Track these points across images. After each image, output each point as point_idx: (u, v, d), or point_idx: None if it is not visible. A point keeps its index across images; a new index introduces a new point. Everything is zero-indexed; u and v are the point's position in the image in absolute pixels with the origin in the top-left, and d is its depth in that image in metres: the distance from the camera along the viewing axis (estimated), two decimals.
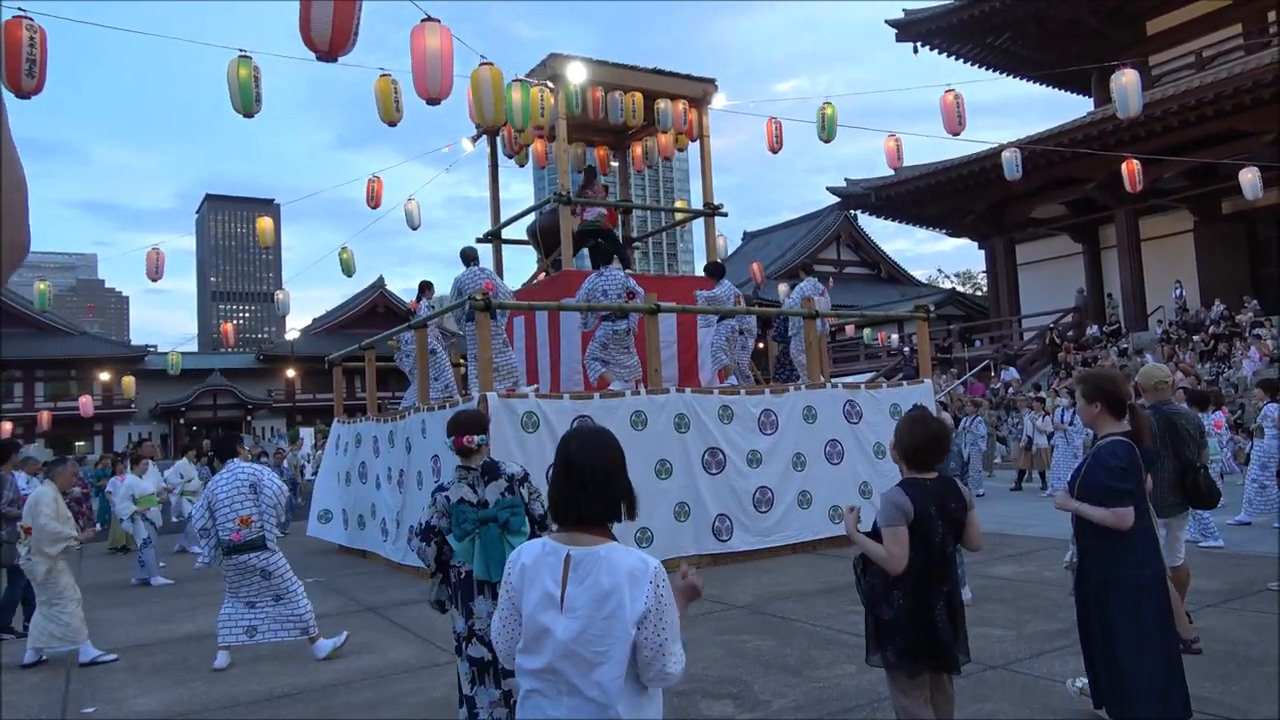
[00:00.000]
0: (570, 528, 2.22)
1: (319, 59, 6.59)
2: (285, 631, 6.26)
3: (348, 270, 15.18)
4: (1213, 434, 9.82)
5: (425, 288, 11.63)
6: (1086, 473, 3.77)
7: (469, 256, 10.40)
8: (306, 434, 28.34)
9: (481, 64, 8.06)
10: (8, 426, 29.66)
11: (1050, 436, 14.46)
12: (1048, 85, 29.17)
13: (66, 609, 6.61)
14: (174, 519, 13.76)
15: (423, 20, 7.12)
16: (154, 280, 14.05)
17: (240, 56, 7.82)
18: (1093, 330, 24.85)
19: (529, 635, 2.17)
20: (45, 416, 33.40)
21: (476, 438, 3.83)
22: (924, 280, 47.97)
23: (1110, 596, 3.70)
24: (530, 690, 2.18)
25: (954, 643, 3.24)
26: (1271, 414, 9.48)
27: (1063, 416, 13.86)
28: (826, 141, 11.59)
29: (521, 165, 13.68)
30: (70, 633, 6.59)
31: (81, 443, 43.77)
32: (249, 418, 47.88)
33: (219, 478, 6.27)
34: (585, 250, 11.80)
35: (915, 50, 26.55)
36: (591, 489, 2.22)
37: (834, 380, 11.11)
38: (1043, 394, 18.89)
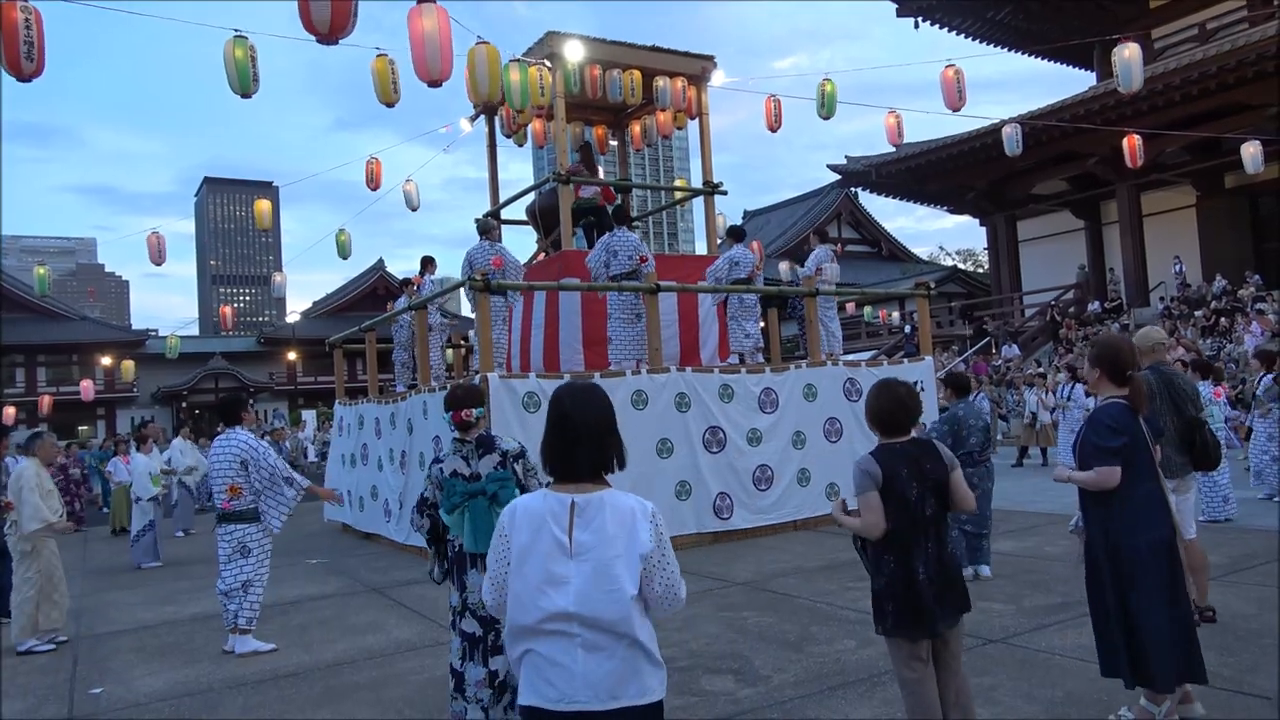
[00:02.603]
0: (567, 480, 2.31)
1: (319, 42, 6.58)
2: (229, 609, 6.09)
3: (343, 252, 15.07)
4: (1213, 402, 9.76)
5: (427, 263, 11.61)
6: (1082, 438, 3.83)
7: (484, 228, 10.04)
8: (308, 416, 28.33)
9: (478, 43, 8.01)
10: (10, 411, 29.72)
11: (1053, 411, 14.52)
12: (1050, 60, 28.93)
13: (22, 593, 6.55)
14: (172, 503, 13.83)
15: (418, 1, 7.07)
16: (157, 264, 13.99)
17: (236, 37, 7.77)
18: (1094, 306, 24.82)
19: (536, 586, 2.23)
20: (47, 401, 33.45)
21: (474, 411, 3.91)
22: (925, 258, 47.93)
23: (1118, 564, 3.69)
24: (541, 649, 2.22)
25: (936, 605, 3.23)
26: (1269, 385, 9.47)
27: (1061, 392, 13.87)
28: (826, 119, 11.50)
29: (520, 145, 13.63)
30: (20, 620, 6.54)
31: (84, 427, 43.85)
32: (251, 401, 47.87)
33: (216, 443, 6.23)
34: (580, 230, 11.78)
35: (916, 25, 26.33)
36: (587, 443, 2.31)
37: (838, 355, 11.10)
38: (1043, 370, 18.90)
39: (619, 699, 2.20)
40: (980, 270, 41.94)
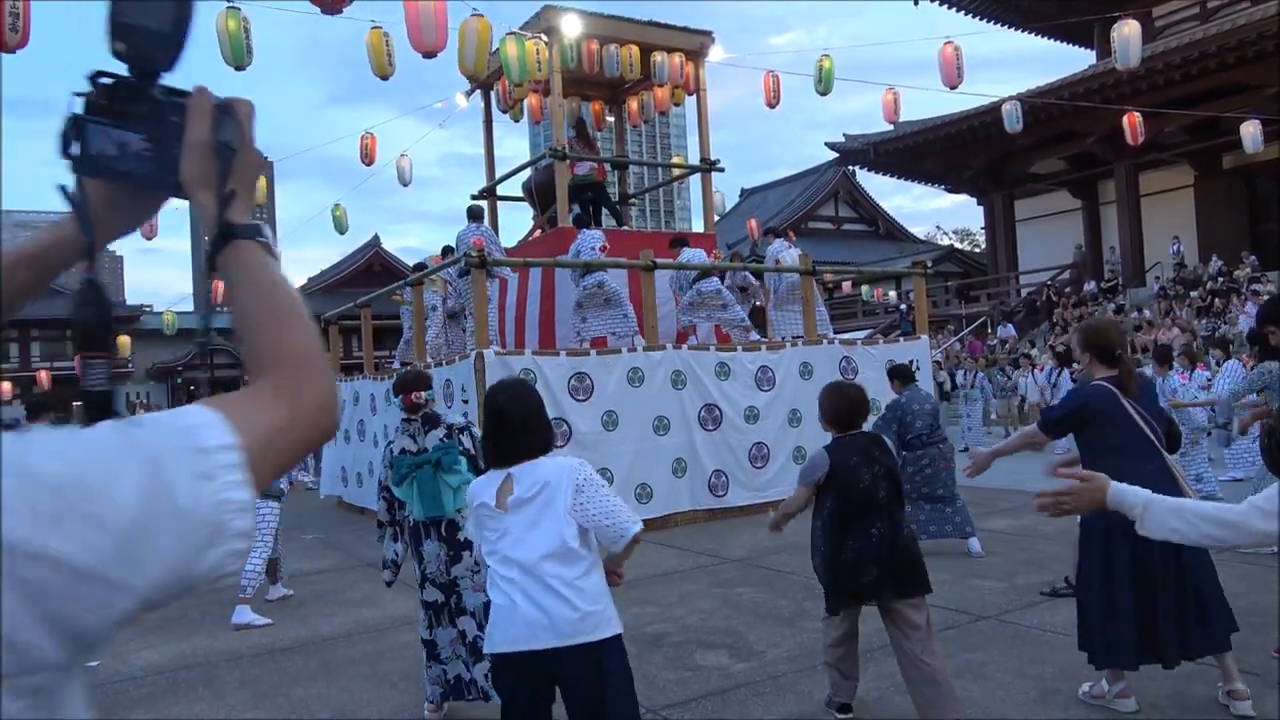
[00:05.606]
0: (509, 464, 2.66)
1: (323, 12, 6.58)
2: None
3: (340, 228, 15.00)
4: (1184, 385, 9.63)
5: (447, 252, 11.58)
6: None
7: (473, 214, 10.34)
8: None
9: (472, 15, 7.94)
10: (6, 387, 29.64)
11: (1042, 392, 14.54)
12: (1050, 38, 28.73)
13: None
14: None
15: None
16: (148, 239, 13.86)
17: (229, 8, 7.70)
18: (1090, 286, 24.81)
19: (488, 543, 2.65)
20: (44, 376, 33.36)
21: (424, 394, 4.13)
22: (922, 237, 47.79)
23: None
24: (496, 598, 2.61)
25: (880, 580, 3.50)
26: (1230, 369, 9.53)
27: (1049, 376, 13.85)
28: (824, 94, 11.43)
29: (516, 121, 13.53)
30: None
31: (79, 403, 43.80)
32: (245, 378, 47.81)
33: None
34: (577, 206, 11.74)
35: (915, 2, 26.10)
36: (522, 432, 2.67)
37: (831, 336, 11.12)
38: (1032, 351, 18.93)
39: (572, 636, 2.46)
40: (977, 250, 41.89)
